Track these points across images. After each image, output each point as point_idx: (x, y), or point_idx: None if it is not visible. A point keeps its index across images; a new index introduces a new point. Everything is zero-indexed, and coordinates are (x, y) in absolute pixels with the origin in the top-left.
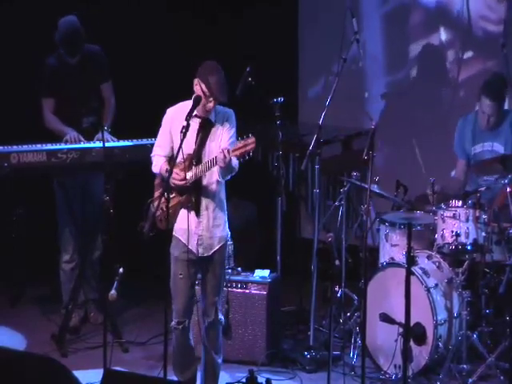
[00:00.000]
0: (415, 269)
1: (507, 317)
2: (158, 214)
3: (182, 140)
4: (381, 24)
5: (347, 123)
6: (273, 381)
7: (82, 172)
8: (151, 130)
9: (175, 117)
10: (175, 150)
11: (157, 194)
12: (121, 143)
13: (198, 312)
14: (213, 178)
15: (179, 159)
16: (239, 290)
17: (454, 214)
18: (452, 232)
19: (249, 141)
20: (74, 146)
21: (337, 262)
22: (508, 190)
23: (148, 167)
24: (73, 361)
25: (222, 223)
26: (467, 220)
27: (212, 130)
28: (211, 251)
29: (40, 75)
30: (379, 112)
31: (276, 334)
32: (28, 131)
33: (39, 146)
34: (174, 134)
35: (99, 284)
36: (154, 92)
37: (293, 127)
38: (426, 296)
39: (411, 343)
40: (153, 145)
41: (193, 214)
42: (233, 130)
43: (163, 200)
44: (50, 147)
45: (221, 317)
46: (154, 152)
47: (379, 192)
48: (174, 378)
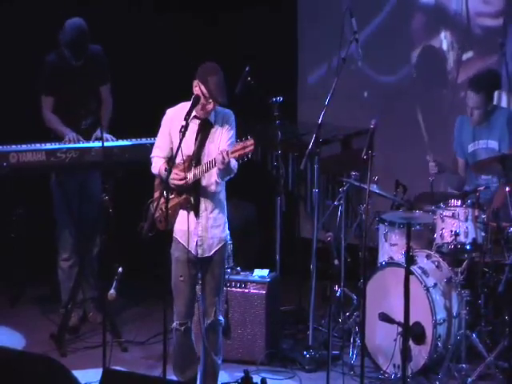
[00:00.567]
0: (414, 268)
1: (506, 316)
2: (158, 215)
3: (181, 140)
4: (380, 23)
5: (346, 123)
6: (272, 380)
7: (82, 171)
8: (150, 130)
9: (175, 117)
10: (174, 151)
11: (156, 195)
12: (120, 143)
13: (199, 312)
14: (212, 179)
15: (178, 160)
16: (238, 290)
17: (453, 214)
18: (451, 231)
19: (247, 143)
20: (73, 146)
21: (336, 262)
22: (507, 190)
23: (147, 167)
24: (72, 360)
25: (222, 224)
26: (466, 219)
27: (211, 131)
28: (211, 252)
29: (40, 72)
30: (378, 111)
31: (275, 334)
32: (27, 131)
33: (38, 146)
34: (174, 135)
35: (98, 282)
36: (154, 92)
37: (292, 127)
38: (425, 295)
39: (410, 343)
40: (152, 144)
41: (192, 215)
42: (232, 132)
43: (162, 201)
44: (49, 147)
45: (220, 317)
46: (154, 153)
47: (378, 192)
48: (174, 378)
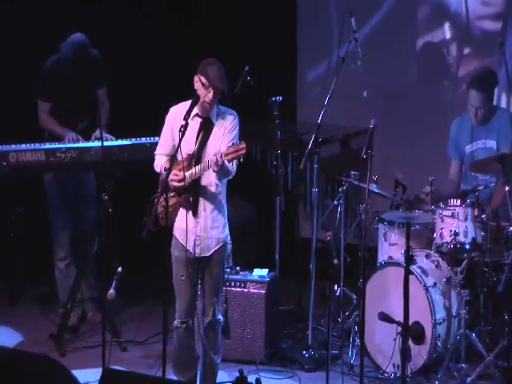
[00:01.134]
0: (414, 268)
1: (506, 316)
2: (160, 211)
3: (181, 139)
4: (379, 23)
5: (346, 122)
6: (272, 380)
7: (81, 171)
8: (150, 130)
9: (177, 115)
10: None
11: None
12: (119, 142)
13: (198, 311)
14: (211, 180)
15: (179, 159)
16: (238, 289)
17: (453, 213)
18: (451, 231)
19: (240, 146)
20: (73, 146)
21: (335, 261)
22: (506, 189)
23: (147, 166)
24: (71, 360)
25: (221, 225)
26: (466, 219)
27: (213, 131)
28: (209, 252)
29: (37, 78)
30: (378, 111)
31: (275, 333)
32: (27, 130)
33: (38, 145)
34: (175, 133)
35: (97, 282)
36: (154, 91)
37: (291, 126)
38: (425, 295)
39: (410, 342)
40: (152, 144)
41: (191, 214)
42: (234, 133)
43: (163, 198)
44: (49, 146)
45: (220, 317)
46: (157, 151)
47: (378, 191)
48: (173, 378)
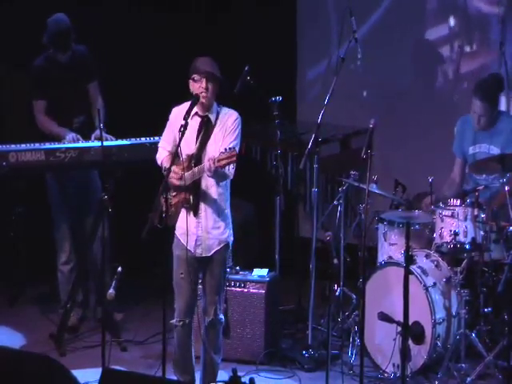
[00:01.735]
0: (414, 268)
1: (505, 315)
2: (164, 209)
3: (181, 139)
4: (379, 22)
5: (346, 122)
6: (271, 380)
7: (81, 171)
8: (150, 130)
9: (178, 116)
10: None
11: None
12: (119, 142)
13: (198, 311)
14: (211, 181)
15: (180, 159)
16: (238, 289)
17: (453, 213)
18: (450, 231)
19: (231, 153)
20: (73, 145)
21: (335, 261)
22: (506, 189)
23: (147, 166)
24: (71, 360)
25: (222, 226)
26: (466, 219)
27: (214, 132)
28: (210, 252)
29: (29, 78)
30: (378, 111)
31: (274, 333)
32: (26, 130)
33: (38, 145)
34: (176, 133)
35: (98, 282)
36: (154, 92)
37: (291, 126)
38: (425, 295)
39: (410, 342)
40: (152, 144)
41: (191, 215)
42: (235, 134)
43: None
44: (49, 146)
45: (221, 316)
46: (160, 144)
47: (378, 191)
48: (173, 377)
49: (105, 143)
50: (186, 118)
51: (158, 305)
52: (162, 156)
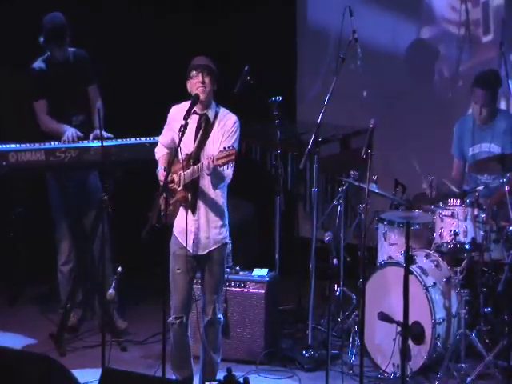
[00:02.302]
0: (413, 268)
1: (505, 315)
2: (162, 209)
3: (180, 139)
4: (379, 23)
5: (345, 122)
6: (271, 380)
7: (81, 171)
8: (150, 130)
9: (177, 115)
10: (175, 148)
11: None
12: (119, 142)
13: (197, 310)
14: (209, 180)
15: (179, 158)
16: (237, 289)
17: (453, 213)
18: (450, 231)
19: (230, 152)
20: (73, 145)
21: (335, 261)
22: (506, 189)
23: (147, 166)
24: (71, 360)
25: (219, 226)
26: (465, 219)
27: (213, 131)
28: (206, 251)
29: (29, 80)
30: (377, 111)
31: (274, 333)
32: (26, 130)
33: (37, 145)
34: (175, 133)
35: (99, 283)
36: (153, 92)
37: (291, 126)
38: (425, 295)
39: (409, 342)
40: (151, 144)
41: (189, 213)
42: (234, 137)
43: (163, 197)
44: (49, 146)
45: (220, 315)
46: (160, 139)
47: (378, 191)
48: (173, 377)
49: (105, 143)
50: (186, 118)
51: (158, 305)
52: (160, 153)
